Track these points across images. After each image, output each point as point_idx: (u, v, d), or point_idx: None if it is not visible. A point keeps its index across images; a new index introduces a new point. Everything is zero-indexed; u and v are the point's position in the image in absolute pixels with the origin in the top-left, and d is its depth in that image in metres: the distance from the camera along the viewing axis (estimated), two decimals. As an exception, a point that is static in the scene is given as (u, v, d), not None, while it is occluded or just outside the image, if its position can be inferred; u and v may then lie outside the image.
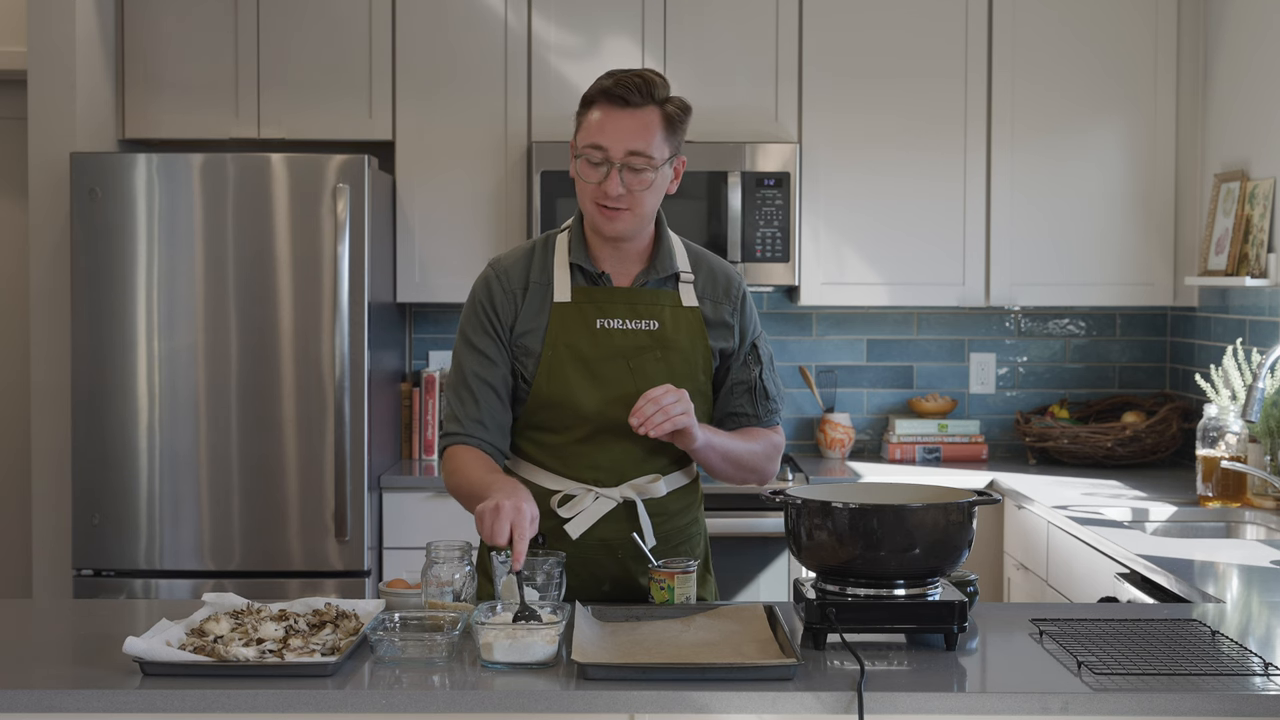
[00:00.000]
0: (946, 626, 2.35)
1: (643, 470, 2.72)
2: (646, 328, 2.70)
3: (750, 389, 2.79)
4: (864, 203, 4.84)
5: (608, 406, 2.67)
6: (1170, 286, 4.85)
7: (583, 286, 2.72)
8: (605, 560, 2.72)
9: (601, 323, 2.70)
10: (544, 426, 2.72)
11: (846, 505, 2.36)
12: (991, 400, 5.21)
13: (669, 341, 2.71)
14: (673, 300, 2.73)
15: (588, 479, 2.71)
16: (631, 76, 2.63)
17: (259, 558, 4.40)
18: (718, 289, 2.78)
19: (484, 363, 2.71)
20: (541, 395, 2.69)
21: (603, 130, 2.62)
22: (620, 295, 2.72)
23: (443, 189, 4.85)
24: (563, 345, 2.68)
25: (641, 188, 2.62)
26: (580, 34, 4.84)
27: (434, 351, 5.20)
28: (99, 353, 4.38)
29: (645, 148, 2.61)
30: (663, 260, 2.73)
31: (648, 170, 2.62)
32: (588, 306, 2.70)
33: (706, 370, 2.75)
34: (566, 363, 2.68)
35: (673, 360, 2.71)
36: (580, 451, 2.71)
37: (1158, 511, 3.96)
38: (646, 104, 2.62)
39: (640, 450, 2.70)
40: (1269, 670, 2.20)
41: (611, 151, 2.61)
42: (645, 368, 2.69)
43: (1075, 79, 4.83)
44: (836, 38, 4.82)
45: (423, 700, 2.15)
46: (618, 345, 2.69)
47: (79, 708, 2.14)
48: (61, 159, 4.49)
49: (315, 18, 4.84)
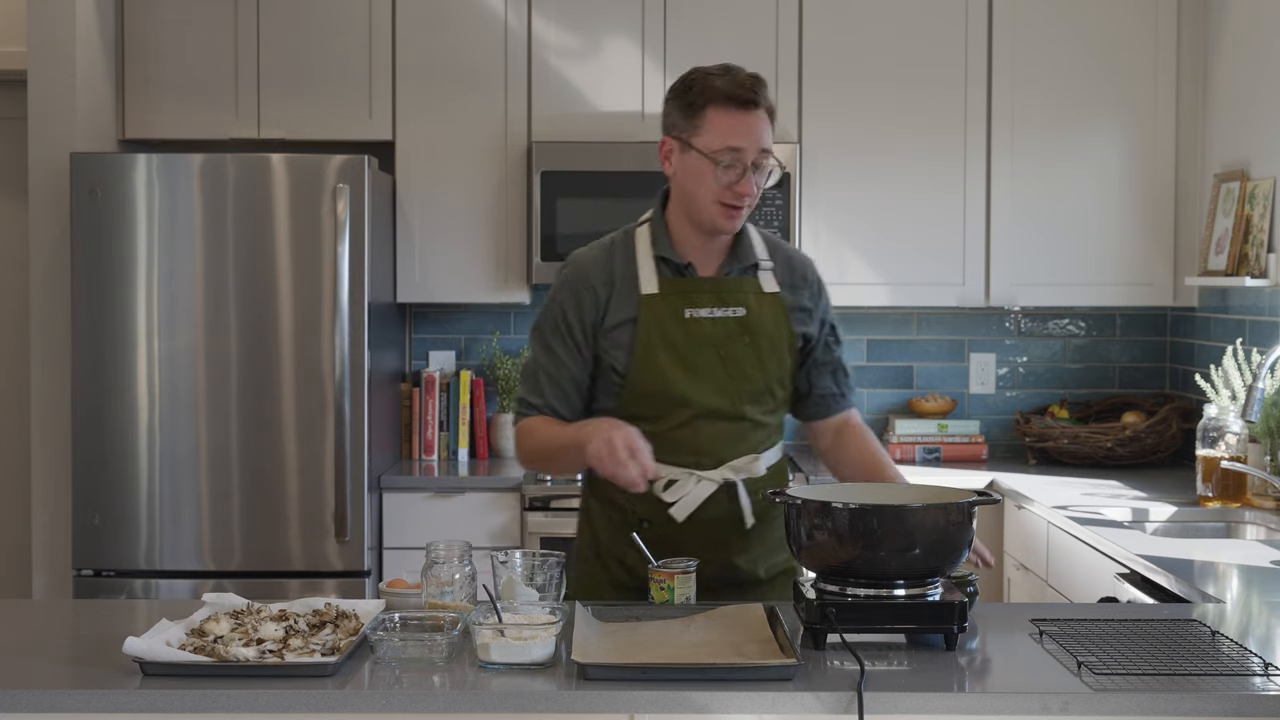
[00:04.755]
0: (946, 626, 2.35)
1: (740, 451, 2.79)
2: (734, 315, 2.78)
3: (834, 368, 2.92)
4: (864, 203, 4.84)
5: (702, 393, 2.75)
6: (1170, 286, 4.85)
7: (669, 278, 2.79)
8: (707, 541, 2.77)
9: (690, 312, 2.77)
10: (641, 416, 2.76)
11: (846, 505, 2.36)
12: (991, 400, 5.21)
13: (755, 327, 2.79)
14: (755, 287, 2.82)
15: (688, 463, 2.77)
16: (748, 78, 2.74)
17: (259, 558, 4.41)
18: (795, 275, 2.87)
19: (554, 361, 2.81)
20: (636, 386, 2.76)
21: (736, 132, 2.70)
22: (706, 285, 2.79)
23: (443, 189, 4.85)
24: (654, 336, 2.76)
25: (765, 183, 2.75)
26: (580, 34, 4.84)
27: (434, 351, 5.20)
28: (99, 353, 4.38)
29: (769, 144, 2.74)
30: (744, 250, 2.82)
31: (770, 168, 2.74)
32: (675, 297, 2.77)
33: (792, 353, 2.84)
34: (659, 353, 2.75)
35: (760, 345, 2.79)
36: (679, 437, 2.77)
37: (1158, 511, 3.96)
38: (763, 105, 2.75)
39: (737, 431, 2.79)
40: (1269, 670, 2.20)
41: (747, 153, 2.70)
42: (735, 354, 2.77)
43: (1075, 79, 4.83)
44: (836, 38, 4.82)
45: (423, 700, 2.15)
46: (707, 333, 2.77)
47: (79, 708, 2.14)
48: (61, 159, 4.49)
49: (315, 18, 4.84)
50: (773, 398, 2.83)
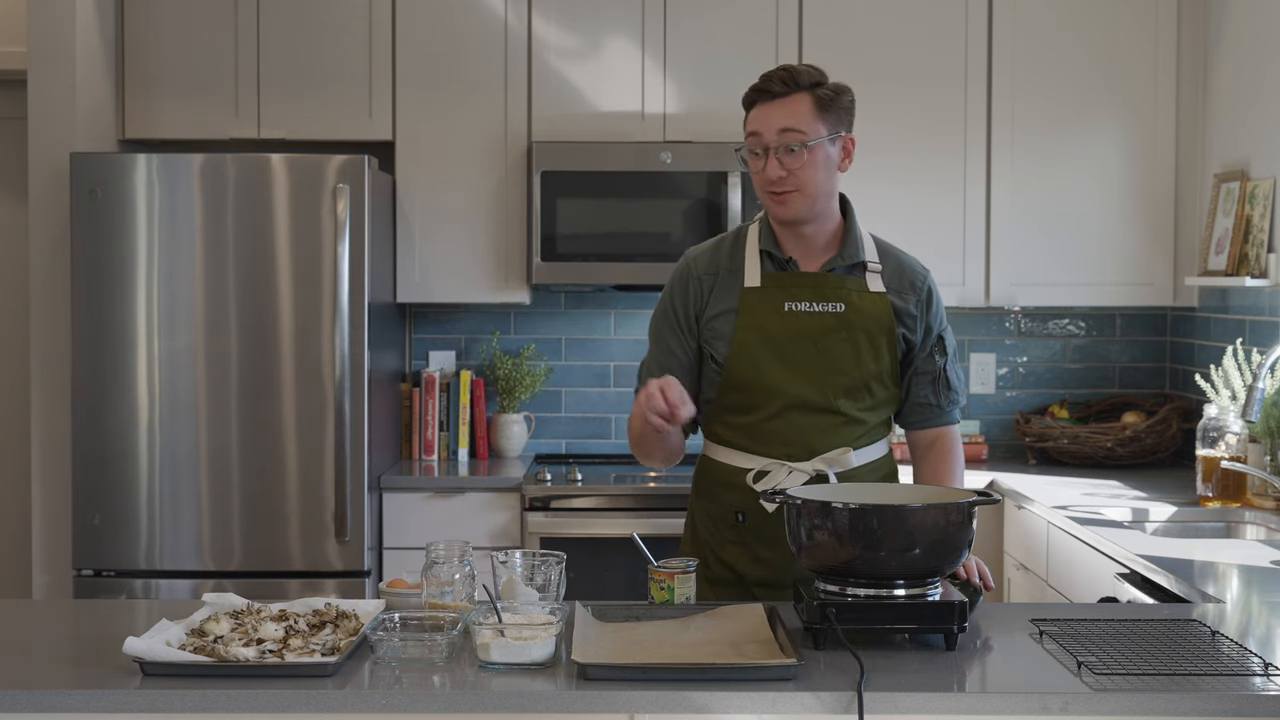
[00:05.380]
0: (946, 626, 2.35)
1: (832, 444, 2.80)
2: (833, 310, 2.80)
3: (935, 379, 2.91)
4: (863, 203, 4.77)
5: (795, 384, 2.79)
6: (1170, 286, 4.85)
7: (771, 272, 2.83)
8: None
9: (789, 305, 2.80)
10: (735, 408, 2.83)
11: (846, 505, 2.36)
12: (991, 400, 5.21)
13: (854, 324, 2.80)
14: (859, 286, 2.83)
15: (779, 454, 2.80)
16: (776, 70, 2.77)
17: (259, 558, 4.41)
18: (903, 281, 2.88)
19: (664, 350, 2.89)
20: (732, 376, 2.81)
21: (755, 120, 2.76)
22: (807, 280, 2.82)
23: (443, 189, 4.85)
24: (752, 327, 2.80)
25: (797, 165, 2.73)
26: (580, 34, 4.84)
27: (434, 351, 5.20)
28: (99, 353, 4.38)
29: (795, 124, 2.72)
30: (850, 248, 2.84)
31: (801, 148, 2.72)
32: (775, 290, 2.81)
33: (892, 353, 2.84)
34: (756, 344, 2.79)
35: (859, 341, 2.80)
36: (771, 429, 2.81)
37: (1158, 511, 3.96)
38: (792, 92, 2.74)
39: (830, 424, 2.80)
40: (1269, 670, 2.20)
41: (765, 136, 2.74)
42: (832, 348, 2.79)
43: (1075, 79, 4.83)
44: (836, 38, 4.82)
45: (423, 700, 2.15)
46: (805, 326, 2.79)
47: (79, 708, 2.14)
48: (61, 159, 4.49)
49: (315, 17, 4.84)
50: (871, 395, 2.83)
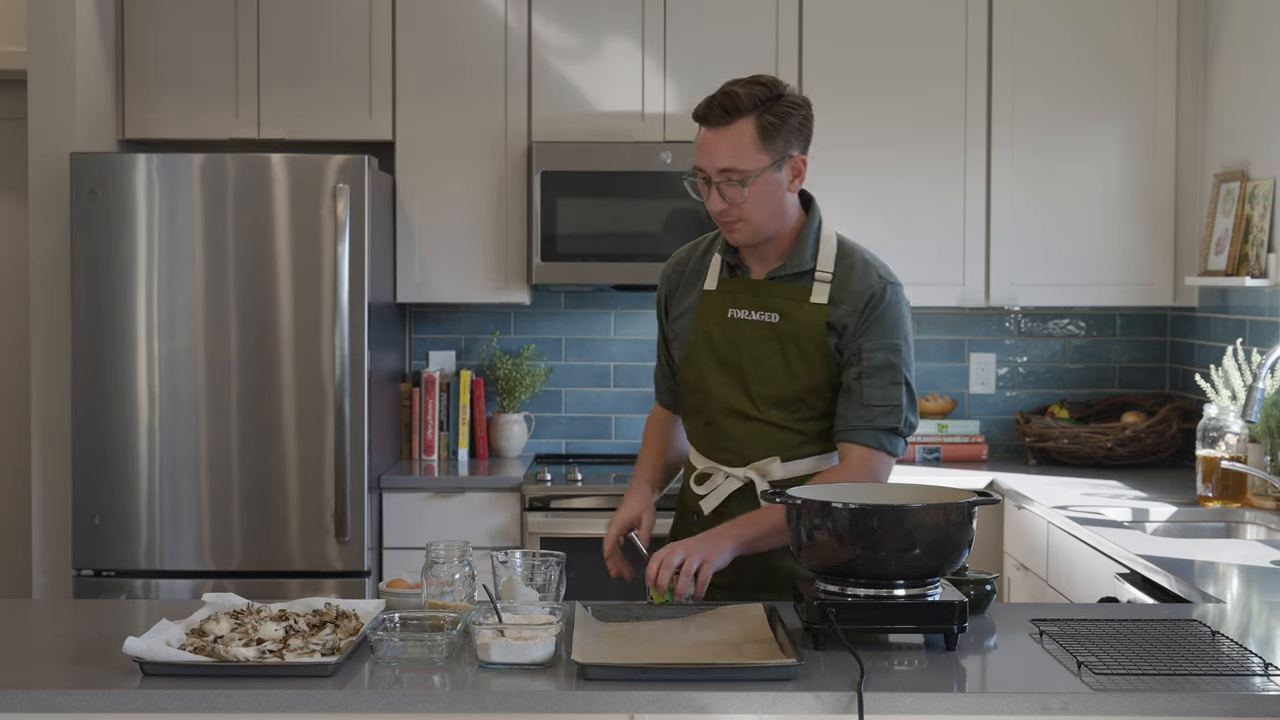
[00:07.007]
0: (946, 626, 2.35)
1: (763, 453, 2.80)
2: (767, 320, 2.79)
3: (856, 396, 2.73)
4: (864, 203, 4.84)
5: (729, 391, 2.80)
6: (1170, 286, 4.85)
7: (725, 278, 2.86)
8: None
9: (732, 312, 2.82)
10: (690, 409, 2.91)
11: (846, 505, 2.36)
12: (991, 400, 5.21)
13: (785, 334, 2.77)
14: (800, 295, 2.78)
15: (720, 459, 2.85)
16: (719, 95, 2.69)
17: (259, 558, 4.40)
18: (845, 290, 2.78)
19: (662, 346, 2.99)
20: (682, 378, 2.90)
21: (699, 151, 2.72)
22: (749, 286, 2.83)
23: (443, 189, 4.85)
24: (701, 332, 2.85)
25: (740, 199, 2.70)
26: (580, 34, 4.84)
27: (434, 351, 5.20)
28: (99, 353, 4.38)
29: (735, 163, 2.67)
30: (796, 256, 2.80)
31: (740, 184, 2.68)
32: (725, 296, 2.84)
33: (827, 366, 2.76)
34: (702, 348, 2.84)
35: (789, 353, 2.77)
36: (711, 433, 2.85)
37: (1158, 511, 3.96)
38: (734, 119, 2.67)
39: (761, 432, 2.80)
40: (1269, 670, 2.20)
41: (708, 171, 2.71)
42: (764, 358, 2.78)
43: (1075, 79, 4.83)
44: (836, 38, 4.82)
45: (423, 700, 2.15)
46: (742, 335, 2.80)
47: (79, 708, 2.14)
48: (61, 159, 4.49)
49: (315, 18, 4.84)
50: (808, 406, 2.77)
